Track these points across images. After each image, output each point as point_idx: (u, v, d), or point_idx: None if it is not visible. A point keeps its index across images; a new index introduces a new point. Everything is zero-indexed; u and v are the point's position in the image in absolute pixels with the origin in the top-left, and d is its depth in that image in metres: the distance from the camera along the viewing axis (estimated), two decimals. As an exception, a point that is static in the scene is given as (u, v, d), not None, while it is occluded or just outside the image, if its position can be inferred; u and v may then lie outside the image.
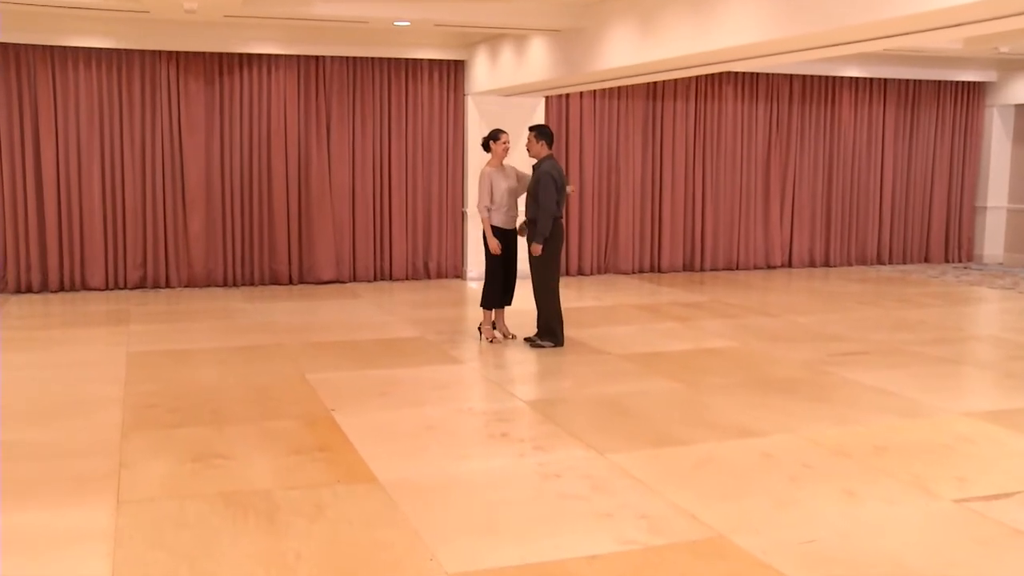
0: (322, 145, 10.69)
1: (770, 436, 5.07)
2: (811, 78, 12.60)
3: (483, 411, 5.69)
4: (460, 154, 11.22)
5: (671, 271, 12.23)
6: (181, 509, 3.97)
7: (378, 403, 5.75)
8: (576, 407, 5.71)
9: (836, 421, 5.38)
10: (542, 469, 4.52)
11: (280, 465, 4.55)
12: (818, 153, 12.81)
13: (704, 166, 12.25)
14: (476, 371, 6.72)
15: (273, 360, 6.92)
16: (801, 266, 12.89)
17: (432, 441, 4.97)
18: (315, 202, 10.71)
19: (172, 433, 5.06)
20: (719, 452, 4.80)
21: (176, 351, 7.20)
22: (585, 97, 11.58)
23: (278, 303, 9.65)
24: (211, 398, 5.80)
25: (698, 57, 6.94)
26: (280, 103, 10.48)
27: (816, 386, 6.25)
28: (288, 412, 5.51)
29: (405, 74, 10.93)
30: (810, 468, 4.55)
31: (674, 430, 5.18)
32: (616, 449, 4.81)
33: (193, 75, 10.18)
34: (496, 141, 7.33)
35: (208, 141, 10.32)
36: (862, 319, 8.87)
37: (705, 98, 12.14)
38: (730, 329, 8.28)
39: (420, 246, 11.23)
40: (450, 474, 4.47)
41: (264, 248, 10.63)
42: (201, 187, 10.32)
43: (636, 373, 6.58)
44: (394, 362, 6.87)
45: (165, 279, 10.35)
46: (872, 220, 13.21)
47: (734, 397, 5.91)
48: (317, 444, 4.89)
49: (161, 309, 9.23)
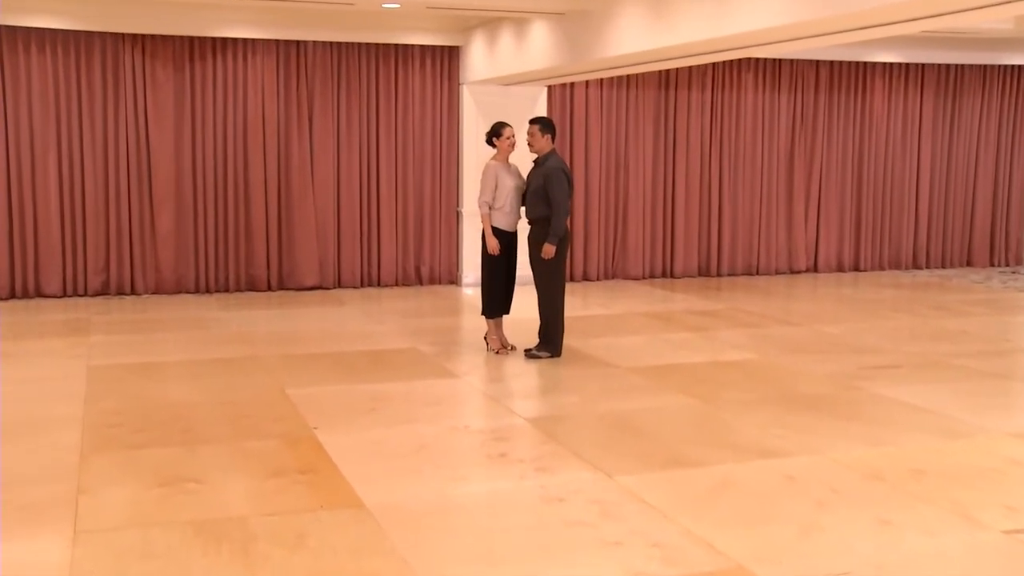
0: (304, 138, 10.70)
1: (794, 457, 5.06)
2: (840, 64, 12.61)
3: (480, 429, 5.69)
4: (455, 148, 11.24)
5: (685, 276, 12.23)
6: (146, 539, 3.95)
7: (365, 420, 5.74)
8: (582, 425, 5.71)
9: (868, 441, 5.37)
10: (544, 493, 4.51)
11: (257, 489, 4.54)
12: (847, 146, 12.82)
13: (721, 161, 12.25)
14: (473, 386, 6.72)
15: (250, 374, 6.91)
16: (828, 271, 12.89)
17: (424, 462, 4.96)
18: (296, 201, 10.71)
19: (137, 455, 5.04)
20: (738, 475, 4.79)
21: (142, 364, 7.18)
22: (591, 86, 11.59)
23: (256, 311, 9.64)
24: (181, 416, 5.78)
25: (716, 42, 6.95)
26: (257, 92, 10.48)
27: (845, 403, 6.24)
28: (266, 431, 5.50)
29: (395, 61, 10.94)
30: (839, 493, 4.54)
31: (689, 450, 5.17)
32: (625, 471, 4.81)
33: (161, 61, 10.19)
34: (499, 137, 7.34)
35: (178, 134, 10.32)
36: (896, 329, 8.86)
37: (723, 87, 12.16)
38: (750, 340, 8.27)
39: (411, 249, 11.23)
40: (444, 498, 4.47)
41: (240, 251, 10.63)
42: (170, 184, 10.31)
43: (647, 388, 6.58)
44: (383, 376, 6.87)
45: (130, 285, 10.34)
46: (908, 220, 13.21)
47: (754, 414, 5.90)
48: (298, 466, 4.87)
49: (125, 318, 9.21)
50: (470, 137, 10.98)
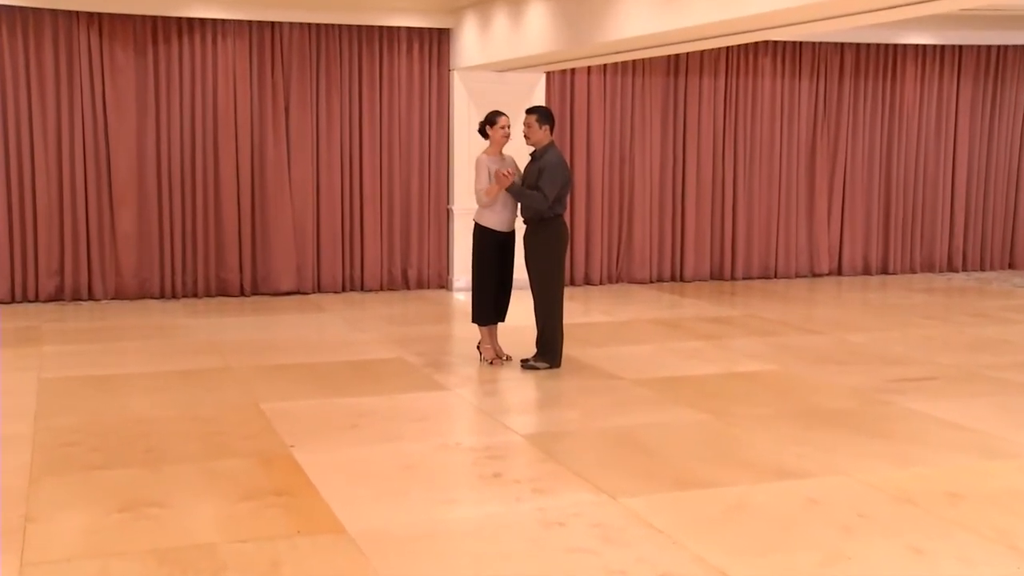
0: (280, 129, 10.70)
1: (816, 478, 5.07)
2: (866, 47, 12.63)
3: (472, 447, 5.69)
4: (445, 141, 11.24)
5: (696, 280, 12.24)
6: (103, 571, 3.93)
7: (347, 438, 5.74)
8: (583, 442, 5.71)
9: (898, 461, 5.37)
10: (543, 516, 4.51)
11: (228, 513, 4.53)
12: (875, 138, 12.85)
13: (736, 155, 12.27)
14: (464, 399, 6.72)
15: (220, 387, 6.90)
16: (853, 274, 12.92)
17: (411, 483, 4.96)
18: (271, 198, 10.71)
19: (94, 477, 5.03)
20: (754, 497, 4.79)
21: (100, 377, 7.17)
22: (593, 73, 11.61)
23: (227, 318, 9.64)
24: (143, 433, 5.77)
25: (730, 24, 6.95)
26: (228, 79, 10.48)
27: (873, 418, 6.24)
28: (238, 449, 5.49)
29: (379, 45, 10.95)
30: (866, 518, 4.54)
31: (700, 470, 5.17)
32: (631, 492, 4.81)
33: (120, 43, 10.17)
34: (493, 126, 7.37)
35: (140, 124, 10.30)
36: (929, 337, 8.87)
37: (737, 73, 12.19)
38: (767, 349, 8.28)
39: (397, 250, 11.23)
40: (432, 523, 4.46)
41: (210, 252, 10.62)
42: (131, 179, 10.30)
43: (654, 401, 6.58)
44: (366, 389, 6.87)
45: (87, 290, 10.32)
46: (942, 218, 13.23)
47: (772, 431, 5.91)
48: (273, 487, 4.87)
49: (82, 326, 9.20)
50: (461, 128, 10.98)
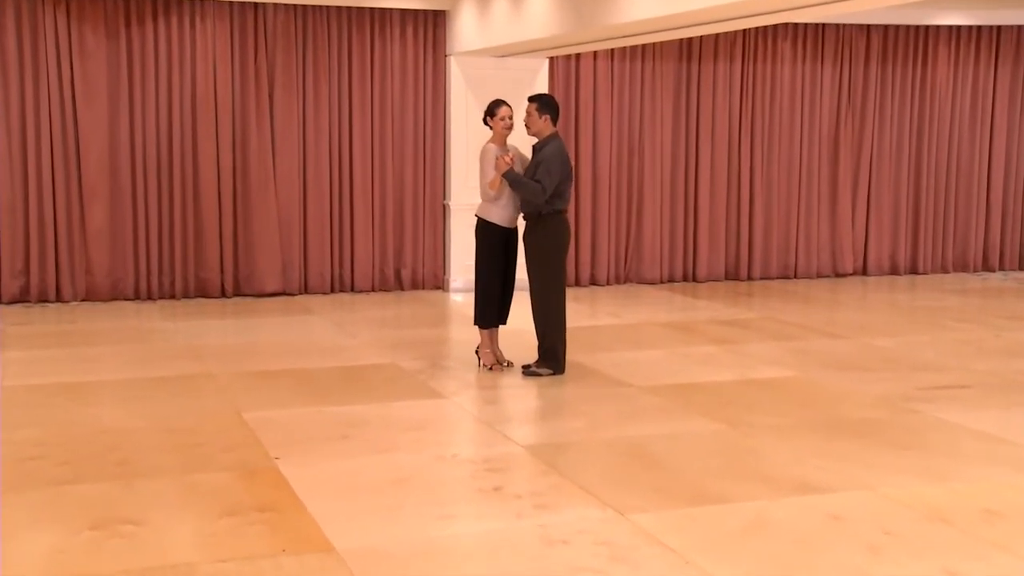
0: (263, 119, 10.70)
1: (840, 493, 5.06)
2: (895, 28, 12.61)
3: (471, 459, 5.70)
4: (441, 131, 11.24)
5: (710, 280, 12.24)
6: (78, 588, 3.94)
7: (336, 449, 5.74)
8: (589, 454, 5.71)
9: (929, 475, 5.36)
10: (546, 533, 4.51)
11: (208, 531, 4.52)
12: (903, 127, 12.83)
13: (753, 146, 12.27)
14: (462, 408, 6.72)
15: (200, 395, 6.90)
16: (880, 274, 12.92)
17: (405, 498, 4.96)
18: (255, 192, 10.71)
19: (63, 492, 5.02)
20: (773, 513, 4.79)
21: (70, 385, 7.16)
22: (600, 59, 11.61)
23: (207, 321, 9.64)
24: (116, 445, 5.76)
25: (746, 5, 6.95)
26: (208, 64, 10.48)
27: (901, 429, 6.24)
28: (219, 462, 5.49)
29: (370, 28, 10.95)
30: (895, 536, 4.54)
31: (714, 484, 5.17)
32: (640, 508, 4.81)
33: (90, 24, 10.16)
34: (494, 116, 7.38)
35: (112, 112, 10.29)
36: (962, 342, 8.87)
37: (755, 58, 12.18)
38: (786, 354, 8.29)
39: (390, 249, 11.23)
40: (428, 541, 4.46)
41: (188, 251, 10.62)
42: (103, 172, 10.29)
43: (665, 410, 6.59)
44: (357, 396, 6.88)
45: (55, 291, 10.31)
46: (977, 213, 13.21)
47: (792, 442, 5.91)
48: (256, 503, 4.87)
49: (49, 330, 9.19)
50: (458, 118, 10.98)
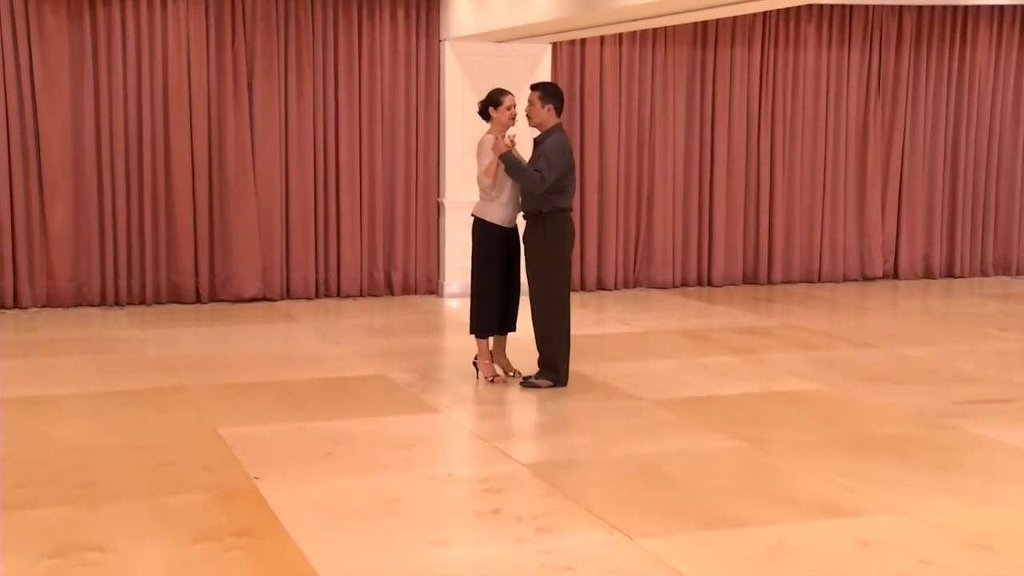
0: (242, 109, 10.71)
1: (870, 516, 5.06)
2: (929, 9, 12.60)
3: (467, 478, 5.69)
4: (434, 123, 11.25)
5: (726, 284, 12.26)
6: (40, 618, 3.94)
7: (320, 468, 5.73)
8: (595, 473, 5.72)
9: (967, 498, 5.35)
10: (548, 559, 4.51)
11: (180, 558, 4.52)
12: (939, 117, 12.84)
13: (774, 139, 12.28)
14: (457, 423, 6.72)
15: (172, 409, 6.89)
16: (912, 277, 12.92)
17: (396, 521, 4.95)
18: (232, 189, 10.71)
19: (20, 517, 5.00)
20: (796, 537, 4.79)
21: (28, 399, 7.14)
22: (607, 45, 11.62)
23: (180, 329, 9.63)
24: (80, 465, 5.75)
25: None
26: (181, 49, 10.48)
27: (936, 447, 6.24)
28: (192, 482, 5.49)
29: (358, 11, 10.96)
30: (930, 564, 4.53)
31: (732, 506, 5.17)
32: (651, 532, 4.81)
33: (50, 5, 10.14)
34: (498, 107, 7.40)
35: (75, 102, 10.28)
36: (1004, 352, 8.87)
37: (775, 43, 12.19)
38: (810, 365, 8.28)
39: (379, 251, 11.23)
40: (421, 567, 4.45)
41: (160, 253, 10.61)
42: (66, 168, 10.28)
43: (678, 426, 6.58)
44: (343, 411, 6.87)
45: (12, 296, 10.30)
46: (1020, 212, 13.22)
47: (817, 460, 5.90)
48: (234, 527, 4.87)
49: (6, 339, 9.15)
50: (454, 108, 11.00)
